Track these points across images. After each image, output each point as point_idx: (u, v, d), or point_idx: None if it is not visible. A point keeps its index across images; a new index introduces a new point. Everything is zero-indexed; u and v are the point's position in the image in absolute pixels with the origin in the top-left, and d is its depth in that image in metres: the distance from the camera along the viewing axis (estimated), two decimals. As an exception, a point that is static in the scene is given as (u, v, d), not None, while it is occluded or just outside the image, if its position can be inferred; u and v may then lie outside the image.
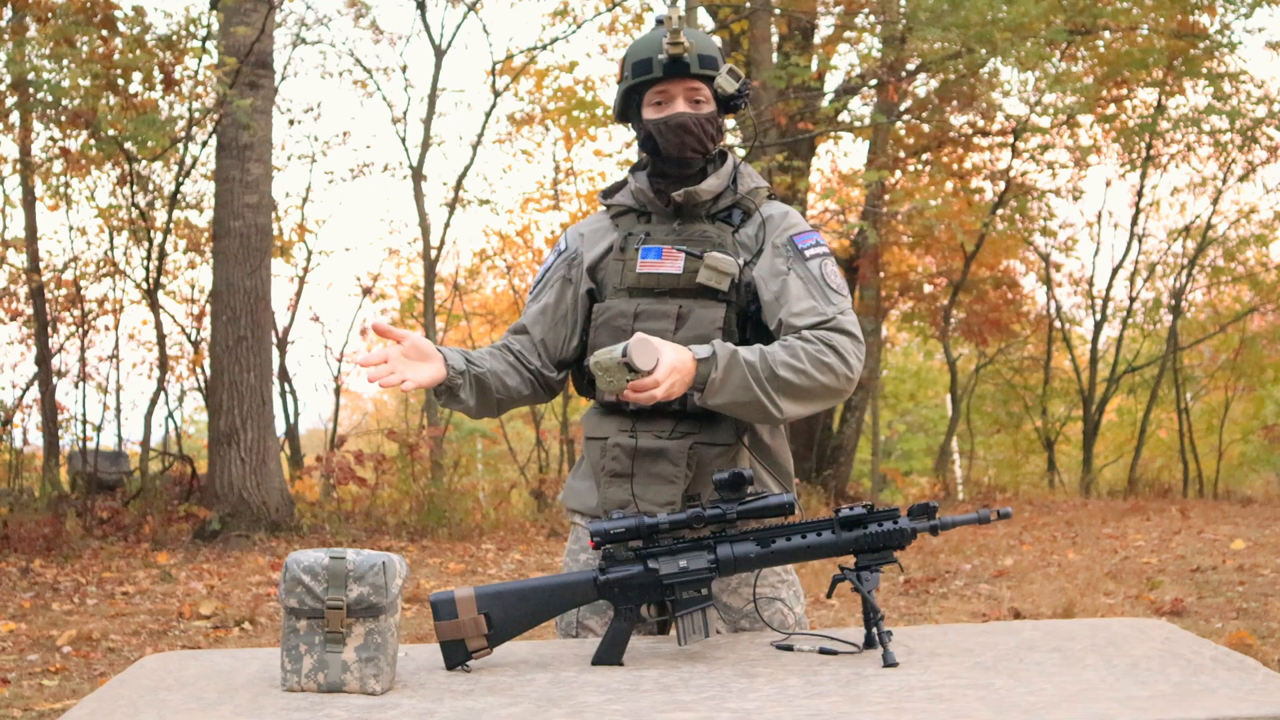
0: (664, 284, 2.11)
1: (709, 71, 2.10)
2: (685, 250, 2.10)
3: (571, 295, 2.21)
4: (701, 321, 2.07)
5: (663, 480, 2.07)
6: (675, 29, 2.05)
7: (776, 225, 2.16)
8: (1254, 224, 14.38)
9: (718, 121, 2.15)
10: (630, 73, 2.14)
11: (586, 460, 2.22)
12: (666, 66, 2.09)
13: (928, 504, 1.88)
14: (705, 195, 2.13)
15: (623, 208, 2.22)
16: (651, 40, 2.12)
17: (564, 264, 2.24)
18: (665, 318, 2.09)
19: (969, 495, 13.26)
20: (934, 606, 6.01)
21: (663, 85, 2.11)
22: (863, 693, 1.64)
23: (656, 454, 2.07)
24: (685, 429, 2.08)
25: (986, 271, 13.94)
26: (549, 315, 2.22)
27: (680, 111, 2.10)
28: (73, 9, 7.91)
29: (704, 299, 2.10)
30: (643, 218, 2.19)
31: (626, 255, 2.14)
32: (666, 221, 2.16)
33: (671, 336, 2.06)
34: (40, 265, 10.44)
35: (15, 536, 7.84)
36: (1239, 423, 16.11)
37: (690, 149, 2.11)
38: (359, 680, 1.72)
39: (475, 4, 11.10)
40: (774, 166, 10.37)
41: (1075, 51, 12.16)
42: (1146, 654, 1.83)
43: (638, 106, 2.16)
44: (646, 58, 2.11)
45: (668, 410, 2.08)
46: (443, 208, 15.69)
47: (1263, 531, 8.95)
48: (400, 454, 10.20)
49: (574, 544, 2.25)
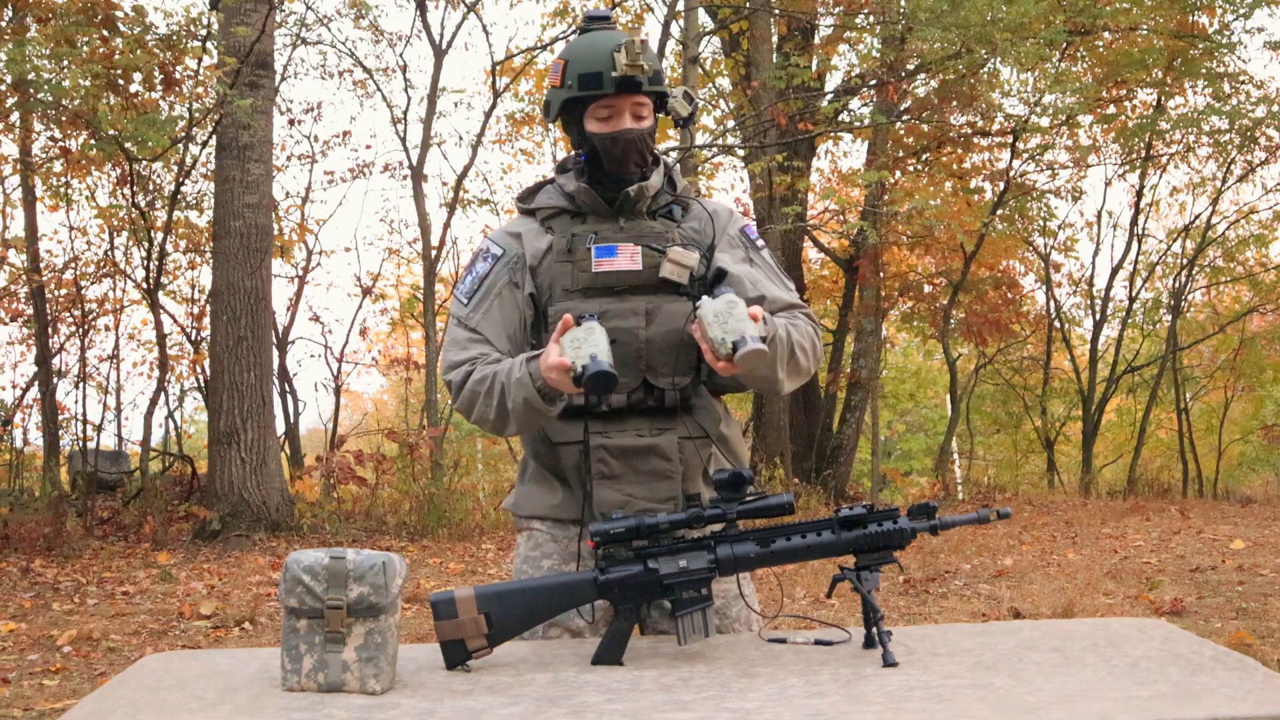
0: (623, 281, 2.10)
1: (658, 88, 2.10)
2: (650, 246, 2.10)
3: (521, 299, 2.16)
4: (672, 316, 2.08)
5: (659, 476, 2.07)
6: (636, 52, 2.03)
7: (724, 219, 2.21)
8: (1254, 224, 14.38)
9: (653, 133, 2.16)
10: (575, 83, 2.09)
11: (536, 465, 2.19)
12: (619, 84, 2.07)
13: (927, 504, 1.89)
14: (652, 191, 2.15)
15: (553, 209, 2.18)
16: (598, 51, 2.08)
17: (505, 269, 2.16)
18: (634, 315, 2.08)
19: (969, 495, 13.26)
20: (934, 606, 6.01)
21: (611, 100, 2.09)
22: (863, 692, 1.64)
23: (645, 451, 2.07)
24: (662, 424, 2.09)
25: (986, 271, 13.93)
26: (504, 322, 2.14)
27: (628, 128, 2.10)
28: (73, 9, 7.91)
29: (666, 294, 2.10)
30: (577, 218, 2.16)
31: (577, 256, 2.11)
32: (607, 221, 2.14)
33: (643, 334, 2.07)
34: (40, 265, 10.43)
35: (15, 536, 7.84)
36: (1238, 423, 16.11)
37: (632, 163, 2.12)
38: (359, 680, 1.73)
39: (475, 4, 11.10)
40: (774, 166, 10.38)
41: (1075, 51, 12.16)
42: (1146, 654, 1.83)
43: (579, 115, 2.13)
44: (595, 71, 2.07)
45: (640, 408, 2.08)
46: (443, 208, 15.69)
47: (1262, 531, 8.94)
48: (400, 454, 10.19)
49: (532, 550, 2.19)
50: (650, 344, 2.08)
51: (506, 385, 2.00)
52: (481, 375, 2.06)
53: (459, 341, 2.14)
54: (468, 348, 2.12)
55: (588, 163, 2.15)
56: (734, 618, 2.13)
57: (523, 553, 2.21)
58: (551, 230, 2.16)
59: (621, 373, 2.04)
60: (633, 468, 2.07)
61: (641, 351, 2.08)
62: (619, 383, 1.91)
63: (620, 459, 2.07)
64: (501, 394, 2.01)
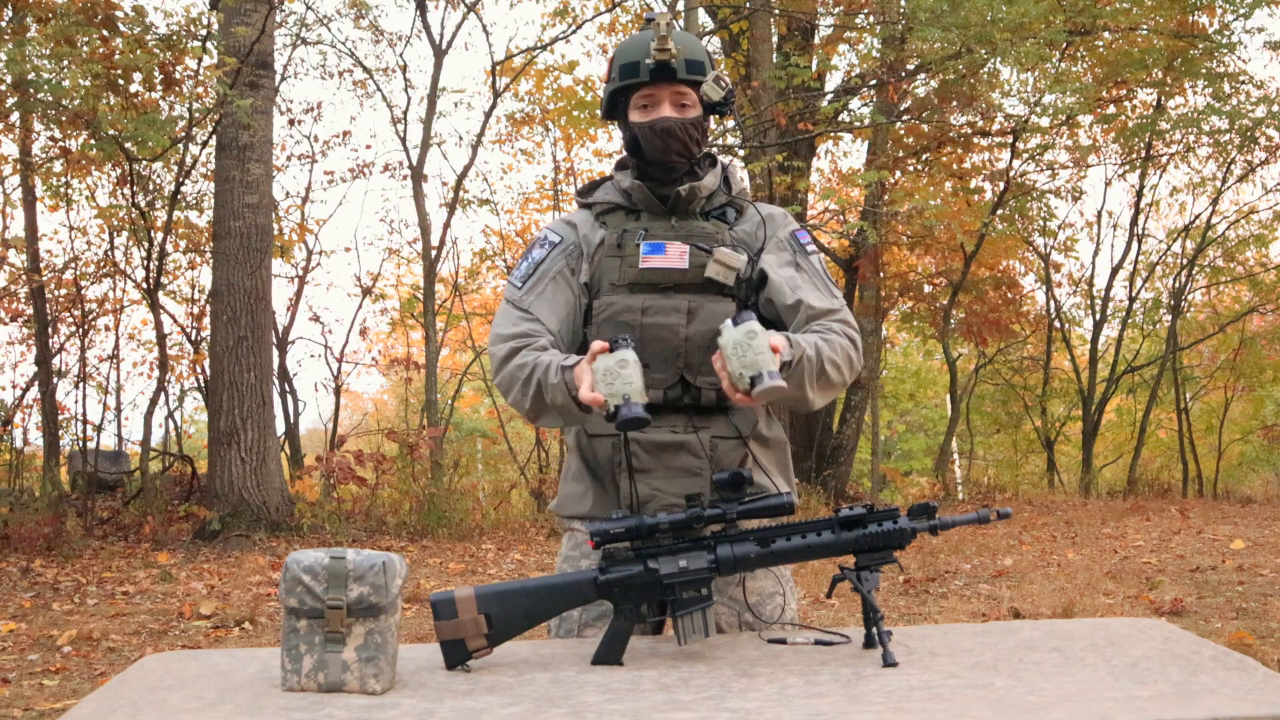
0: (669, 279, 2.10)
1: (696, 77, 2.11)
2: (697, 245, 2.11)
3: (577, 286, 2.17)
4: (713, 316, 2.07)
5: (687, 473, 2.07)
6: (663, 35, 2.05)
7: (777, 223, 2.21)
8: (1254, 224, 14.39)
9: (703, 126, 2.16)
10: (617, 74, 2.13)
11: (578, 460, 2.19)
12: (653, 71, 2.08)
13: (927, 504, 1.89)
14: (705, 191, 2.15)
15: (609, 205, 2.20)
16: (639, 42, 2.11)
17: (561, 255, 2.17)
18: (675, 313, 2.09)
19: (969, 495, 13.26)
20: (934, 606, 6.01)
21: (649, 89, 2.11)
22: (863, 693, 1.64)
23: (677, 448, 2.07)
24: (699, 423, 2.09)
25: (986, 271, 13.94)
26: (560, 306, 2.14)
27: (665, 116, 2.10)
28: (73, 9, 7.91)
29: (710, 293, 2.10)
30: (632, 215, 2.17)
31: (626, 251, 2.12)
32: (661, 219, 2.15)
33: (683, 331, 2.08)
34: (40, 265, 10.43)
35: (15, 536, 7.84)
36: (1238, 423, 16.11)
37: (675, 153, 2.12)
38: (359, 680, 1.72)
39: (475, 4, 11.10)
40: (774, 166, 10.37)
41: (1075, 51, 12.16)
42: (1146, 654, 1.83)
43: (624, 108, 2.15)
44: (634, 61, 2.10)
45: (679, 405, 2.09)
46: (442, 208, 15.69)
47: (1262, 531, 8.95)
48: (400, 454, 10.19)
49: (572, 550, 2.20)
50: (690, 342, 2.08)
51: (544, 383, 2.00)
52: (523, 361, 2.05)
53: (510, 317, 2.13)
54: (518, 324, 2.12)
55: (632, 155, 2.17)
56: (767, 615, 2.13)
57: (564, 552, 2.23)
58: (605, 225, 2.18)
59: (659, 369, 2.06)
60: (662, 463, 2.07)
61: (681, 349, 2.08)
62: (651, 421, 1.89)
63: (651, 453, 2.07)
64: (538, 389, 2.02)
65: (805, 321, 2.08)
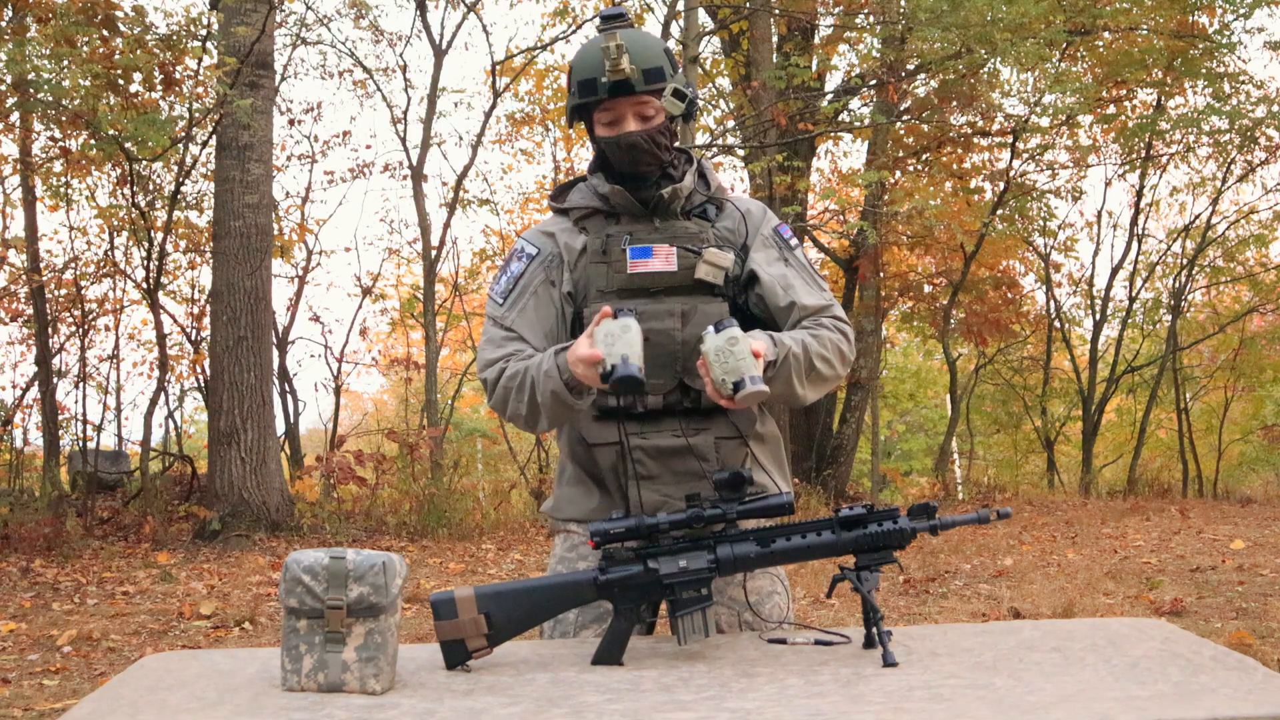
0: (659, 283, 2.09)
1: (656, 85, 2.06)
2: (685, 247, 2.09)
3: (559, 296, 2.14)
4: (707, 318, 2.06)
5: (696, 476, 2.07)
6: (614, 58, 2.01)
7: (757, 218, 2.19)
8: (1254, 224, 14.38)
9: (670, 129, 2.13)
10: (576, 90, 2.09)
11: (574, 468, 2.18)
12: (610, 89, 2.05)
13: (927, 504, 1.89)
14: (685, 191, 2.13)
15: (586, 209, 2.16)
16: (594, 56, 2.06)
17: (540, 268, 2.15)
18: (670, 316, 2.08)
19: (969, 495, 13.26)
20: (934, 606, 6.01)
21: (610, 103, 2.07)
22: (863, 693, 1.64)
23: (682, 452, 2.07)
24: (698, 425, 2.09)
25: (986, 271, 13.94)
26: (542, 321, 2.12)
27: (630, 131, 2.07)
28: (73, 9, 7.91)
29: (701, 295, 2.09)
30: (611, 219, 2.15)
31: (612, 257, 2.10)
32: (642, 221, 2.13)
33: (679, 335, 2.07)
34: (40, 265, 10.43)
35: (15, 536, 7.84)
36: (1238, 423, 16.11)
37: (643, 165, 2.10)
38: (359, 680, 1.72)
39: (475, 4, 11.10)
40: (774, 166, 10.37)
41: (1075, 51, 12.16)
42: (1146, 654, 1.83)
43: (589, 120, 2.12)
44: (591, 77, 2.06)
45: (676, 409, 2.08)
46: (442, 208, 15.69)
47: (1262, 531, 8.95)
48: (400, 454, 10.19)
49: (568, 552, 2.19)
50: (686, 345, 2.07)
51: (536, 379, 1.99)
52: (514, 371, 2.05)
53: (494, 340, 2.12)
54: (503, 345, 2.10)
55: (602, 167, 2.15)
56: (767, 614, 2.13)
57: (558, 553, 2.21)
58: (585, 230, 2.15)
59: (657, 374, 2.04)
60: (669, 468, 2.07)
61: (678, 353, 2.07)
62: (647, 387, 1.89)
63: (657, 459, 2.07)
64: (532, 389, 2.01)
65: (799, 320, 2.09)
